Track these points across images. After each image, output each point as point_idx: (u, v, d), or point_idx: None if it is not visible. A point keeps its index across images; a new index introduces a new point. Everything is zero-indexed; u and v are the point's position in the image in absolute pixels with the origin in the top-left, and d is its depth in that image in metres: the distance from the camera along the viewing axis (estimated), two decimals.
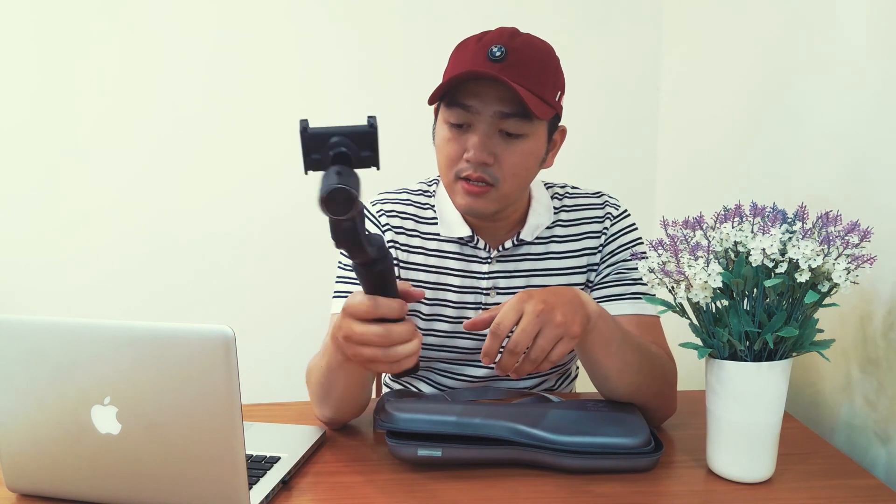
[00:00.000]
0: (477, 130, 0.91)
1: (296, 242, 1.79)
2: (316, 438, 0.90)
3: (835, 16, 0.99)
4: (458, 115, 0.92)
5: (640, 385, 0.89)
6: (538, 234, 1.05)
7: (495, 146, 0.92)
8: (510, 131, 0.91)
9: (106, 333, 0.68)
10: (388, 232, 1.06)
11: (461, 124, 0.93)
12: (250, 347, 1.77)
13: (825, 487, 0.79)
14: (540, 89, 0.90)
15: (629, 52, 1.72)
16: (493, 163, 0.92)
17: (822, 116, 1.02)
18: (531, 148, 0.94)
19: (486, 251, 1.04)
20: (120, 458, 0.70)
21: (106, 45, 1.68)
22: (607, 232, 1.06)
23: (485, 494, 0.78)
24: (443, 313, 1.06)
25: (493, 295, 1.05)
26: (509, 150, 0.92)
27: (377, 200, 1.10)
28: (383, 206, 1.08)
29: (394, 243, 1.05)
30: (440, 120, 0.96)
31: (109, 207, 1.75)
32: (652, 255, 0.81)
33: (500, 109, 0.90)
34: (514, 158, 0.93)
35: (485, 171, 0.92)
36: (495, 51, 0.89)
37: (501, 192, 0.94)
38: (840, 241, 0.73)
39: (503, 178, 0.93)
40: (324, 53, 1.72)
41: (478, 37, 0.94)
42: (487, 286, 1.05)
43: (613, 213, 1.07)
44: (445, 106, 0.93)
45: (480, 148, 0.91)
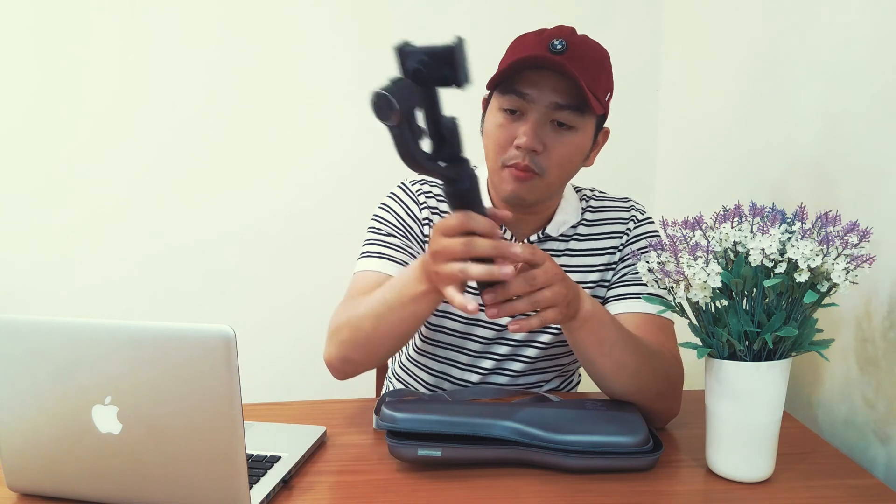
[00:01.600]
0: (529, 118, 0.93)
1: (297, 244, 1.79)
2: (316, 438, 0.90)
3: (834, 16, 0.99)
4: (512, 102, 0.94)
5: (638, 386, 0.89)
6: (562, 232, 1.07)
7: (546, 136, 0.94)
8: (562, 121, 0.94)
9: (107, 333, 0.68)
10: (424, 210, 1.08)
11: (514, 110, 0.94)
12: (251, 347, 1.77)
13: (824, 487, 0.79)
14: (594, 86, 0.93)
15: (629, 53, 1.72)
16: (542, 151, 0.94)
17: (822, 116, 1.02)
18: (579, 141, 0.96)
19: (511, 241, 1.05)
20: (121, 457, 0.70)
21: (108, 46, 1.68)
22: (629, 234, 1.08)
23: (485, 494, 0.78)
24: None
25: None
26: (559, 140, 0.94)
27: (416, 180, 1.12)
28: (422, 185, 1.10)
29: (428, 222, 1.08)
30: (493, 107, 0.97)
31: (112, 209, 1.75)
32: (651, 255, 0.81)
33: (556, 100, 0.92)
34: (563, 150, 0.95)
35: (532, 159, 0.94)
36: (556, 44, 0.91)
37: (546, 181, 0.96)
38: (839, 241, 0.73)
39: (549, 168, 0.95)
40: (325, 53, 1.72)
41: (537, 32, 0.96)
42: None
43: (638, 216, 1.10)
44: (501, 93, 0.94)
45: (532, 135, 0.93)
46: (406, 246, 1.06)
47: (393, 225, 1.07)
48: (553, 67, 0.90)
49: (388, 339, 0.92)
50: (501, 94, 0.94)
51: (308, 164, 1.76)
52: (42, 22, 1.67)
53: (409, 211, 1.08)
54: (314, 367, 1.81)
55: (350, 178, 1.76)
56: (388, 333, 0.91)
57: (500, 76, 0.93)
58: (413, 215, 1.08)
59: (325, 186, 1.77)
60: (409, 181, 1.11)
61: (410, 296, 0.86)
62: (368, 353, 0.94)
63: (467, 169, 0.75)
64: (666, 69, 1.71)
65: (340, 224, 1.76)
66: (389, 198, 1.10)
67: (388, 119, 0.67)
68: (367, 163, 1.75)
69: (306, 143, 1.75)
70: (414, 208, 1.08)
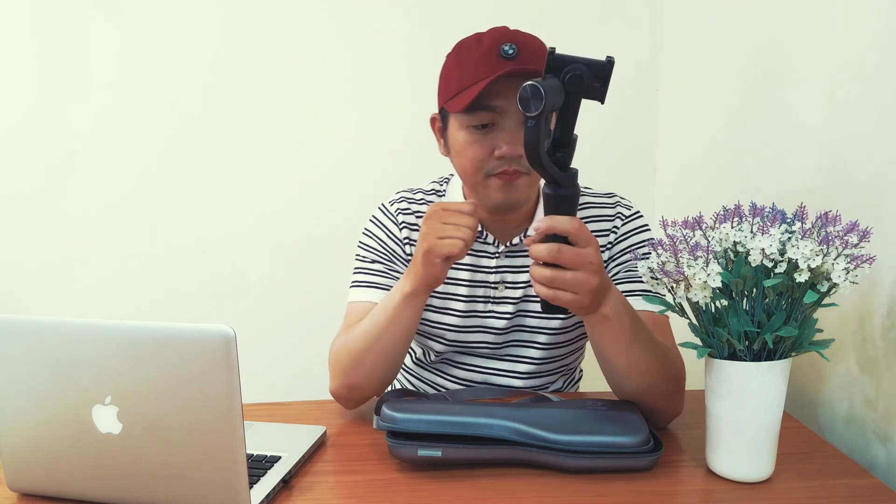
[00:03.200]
0: (506, 127, 0.95)
1: (298, 244, 1.79)
2: (316, 438, 0.90)
3: (834, 16, 0.99)
4: (483, 118, 0.94)
5: (648, 385, 0.90)
6: None
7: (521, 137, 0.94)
8: None
9: (107, 333, 0.68)
10: (404, 230, 1.09)
11: (486, 125, 0.95)
12: (251, 347, 1.77)
13: (824, 487, 0.79)
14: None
15: (629, 53, 1.72)
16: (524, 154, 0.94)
17: (822, 117, 1.02)
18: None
19: (495, 246, 1.06)
20: (121, 457, 0.70)
21: (108, 46, 1.68)
22: (617, 231, 1.08)
23: (485, 494, 0.78)
24: (453, 307, 1.08)
25: (502, 289, 1.07)
26: None
27: (394, 200, 1.13)
28: (399, 204, 1.12)
29: (409, 241, 1.09)
30: (457, 126, 0.97)
31: (111, 209, 1.75)
32: (651, 256, 0.81)
33: None
34: None
35: (518, 163, 0.96)
36: (507, 49, 0.92)
37: (532, 178, 0.98)
38: (839, 241, 0.73)
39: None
40: (325, 53, 1.72)
41: (475, 40, 0.96)
42: (496, 280, 1.07)
43: (625, 212, 1.09)
44: (465, 112, 0.94)
45: (513, 142, 0.94)
46: (391, 270, 1.08)
47: (376, 251, 1.09)
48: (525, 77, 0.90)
49: (382, 355, 0.96)
50: (467, 112, 0.94)
51: (308, 164, 1.76)
52: (43, 21, 1.67)
53: (389, 233, 1.10)
54: (314, 367, 1.81)
55: (350, 177, 1.76)
56: (381, 350, 0.95)
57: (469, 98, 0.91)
58: (394, 237, 1.09)
59: (325, 186, 1.76)
60: (388, 202, 1.13)
61: (393, 306, 0.93)
62: (367, 375, 0.97)
63: (574, 179, 0.81)
64: (666, 69, 1.71)
65: (341, 224, 1.76)
66: (371, 222, 1.12)
67: (531, 111, 0.73)
68: (367, 163, 1.75)
69: (306, 143, 1.75)
70: (394, 229, 1.10)
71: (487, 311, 1.08)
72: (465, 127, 0.96)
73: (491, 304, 1.07)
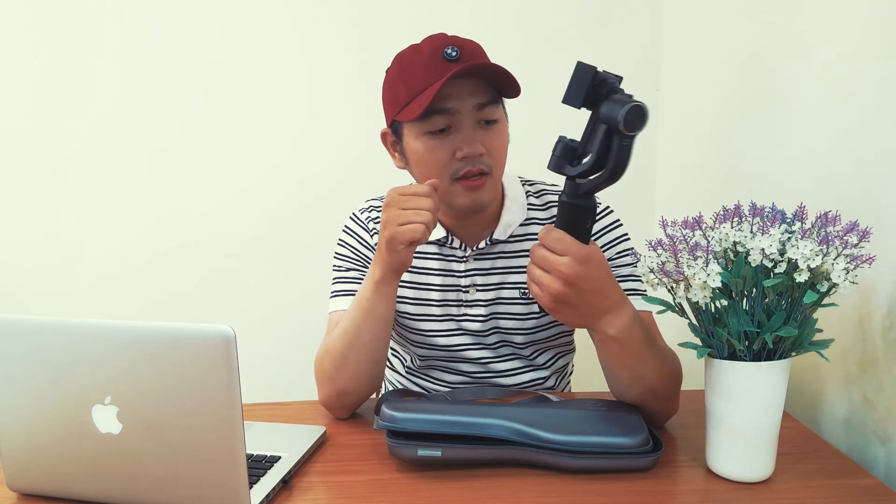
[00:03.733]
0: (463, 127, 0.95)
1: (297, 244, 1.79)
2: (316, 438, 0.90)
3: (834, 16, 0.99)
4: (438, 122, 0.95)
5: (650, 394, 0.90)
6: (512, 233, 1.07)
7: (481, 137, 0.96)
8: (488, 118, 0.96)
9: (107, 333, 0.68)
10: (374, 235, 1.10)
11: (443, 129, 0.95)
12: (251, 347, 1.77)
13: (824, 487, 0.79)
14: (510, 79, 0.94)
15: (629, 53, 1.72)
16: (484, 152, 0.96)
17: (822, 116, 1.02)
18: (505, 129, 1.01)
19: (463, 250, 1.07)
20: (121, 457, 0.70)
21: (109, 46, 1.68)
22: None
23: (485, 494, 0.78)
24: (429, 312, 1.09)
25: (473, 292, 1.08)
26: (491, 136, 0.97)
27: (364, 208, 1.15)
28: (369, 213, 1.13)
29: None
30: (413, 135, 0.98)
31: (112, 209, 1.75)
32: (651, 256, 0.81)
33: (478, 101, 0.95)
34: (498, 143, 0.98)
35: (480, 161, 0.96)
36: (450, 52, 0.93)
37: (495, 177, 0.99)
38: (839, 241, 0.73)
39: (494, 164, 0.98)
40: (324, 53, 1.72)
41: (413, 50, 0.97)
42: (466, 284, 1.07)
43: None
44: (420, 119, 0.94)
45: (473, 141, 0.95)
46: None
47: (351, 259, 1.10)
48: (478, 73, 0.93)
49: (364, 351, 0.95)
50: (422, 119, 0.94)
51: (308, 164, 1.76)
52: (43, 22, 1.67)
53: (361, 240, 1.11)
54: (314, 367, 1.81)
55: (350, 177, 1.76)
56: (362, 346, 0.95)
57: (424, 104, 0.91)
58: (365, 243, 1.11)
59: (325, 186, 1.76)
60: (357, 211, 1.14)
61: (367, 297, 0.93)
62: (353, 376, 0.97)
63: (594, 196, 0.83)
64: (666, 69, 1.71)
65: (340, 223, 1.75)
66: (344, 232, 1.13)
67: (637, 130, 0.76)
68: (367, 162, 1.74)
69: (306, 143, 1.75)
70: (365, 236, 1.11)
71: (461, 315, 1.08)
72: (422, 135, 0.96)
73: (464, 307, 1.08)
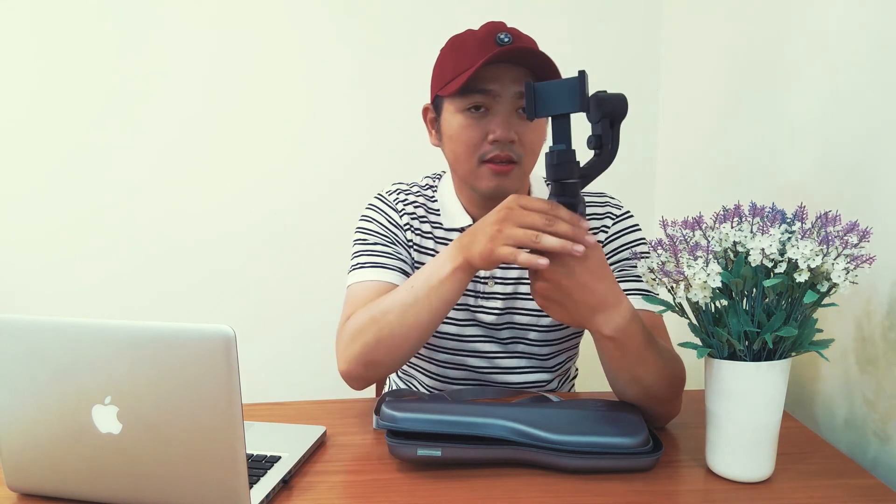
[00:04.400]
0: (499, 111, 0.96)
1: (297, 244, 1.79)
2: (316, 438, 0.90)
3: (833, 15, 0.99)
4: (476, 100, 0.96)
5: (650, 395, 0.89)
6: None
7: (515, 125, 0.97)
8: None
9: (107, 333, 0.68)
10: (404, 217, 1.10)
11: (479, 107, 0.96)
12: (251, 347, 1.77)
13: (824, 487, 0.79)
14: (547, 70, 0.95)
15: (629, 53, 1.72)
16: (516, 139, 0.96)
17: (822, 117, 1.02)
18: (543, 125, 1.00)
19: None
20: (120, 457, 0.70)
21: (108, 46, 1.69)
22: (608, 231, 1.08)
23: (485, 494, 0.78)
24: None
25: (492, 284, 1.08)
26: (527, 127, 0.97)
27: (390, 190, 1.14)
28: (396, 195, 1.12)
29: (409, 227, 1.09)
30: (451, 111, 0.99)
31: (111, 208, 1.75)
32: (651, 255, 0.81)
33: (519, 89, 0.95)
34: (532, 135, 0.98)
35: (510, 149, 0.97)
36: (503, 37, 0.94)
37: (523, 168, 0.99)
38: (839, 241, 0.73)
39: (525, 154, 0.98)
40: (325, 53, 1.72)
41: (469, 33, 0.98)
42: (485, 275, 1.07)
43: (615, 212, 1.09)
44: (461, 95, 0.95)
45: (506, 126, 0.95)
46: (395, 252, 1.07)
47: (378, 234, 1.08)
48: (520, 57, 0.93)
49: (415, 330, 0.90)
50: (462, 95, 0.96)
51: (308, 163, 1.76)
52: (42, 20, 1.67)
53: (390, 219, 1.10)
54: (314, 367, 1.82)
55: (350, 176, 1.76)
56: (414, 324, 0.89)
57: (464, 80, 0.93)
58: (394, 222, 1.10)
59: (324, 185, 1.77)
60: (385, 192, 1.13)
61: (439, 277, 0.88)
62: (394, 350, 0.91)
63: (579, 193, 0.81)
64: (666, 69, 1.71)
65: (340, 222, 1.75)
66: (370, 209, 1.12)
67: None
68: (365, 161, 1.75)
69: (305, 142, 1.75)
70: (394, 216, 1.10)
71: (477, 306, 1.08)
72: (460, 111, 0.97)
73: (481, 298, 1.08)
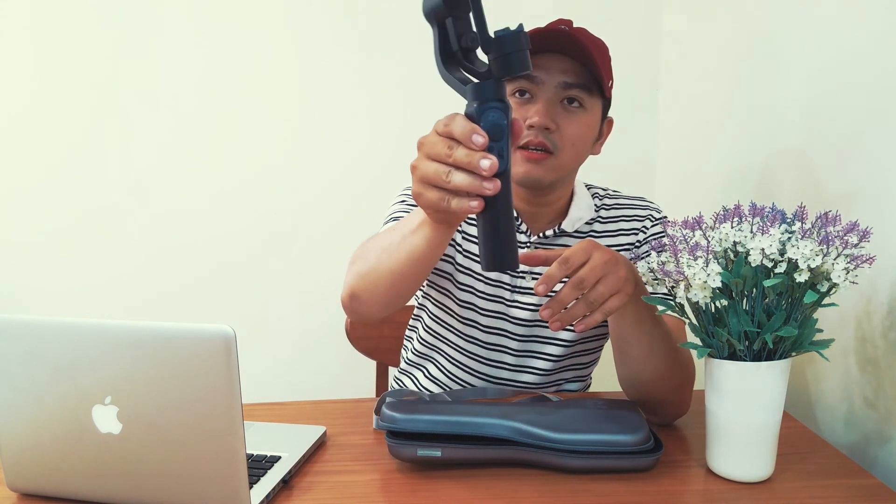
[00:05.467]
0: (541, 98, 0.96)
1: (297, 243, 1.79)
2: (316, 438, 0.90)
3: (835, 15, 0.99)
4: (521, 85, 0.97)
5: (664, 372, 0.90)
6: (577, 228, 1.08)
7: (557, 115, 0.97)
8: (573, 97, 0.97)
9: (107, 333, 0.68)
10: None
11: (523, 92, 0.97)
12: (251, 347, 1.77)
13: (824, 487, 0.79)
14: (598, 68, 0.95)
15: (629, 53, 1.72)
16: (554, 129, 0.96)
17: (823, 117, 1.02)
18: (589, 121, 0.99)
19: (527, 235, 1.07)
20: (121, 457, 0.70)
21: (105, 44, 1.68)
22: (646, 231, 1.09)
23: (485, 494, 0.78)
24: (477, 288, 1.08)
25: (528, 279, 1.07)
26: (569, 119, 0.97)
27: None
28: None
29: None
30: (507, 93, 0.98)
31: (110, 208, 1.75)
32: (651, 255, 0.81)
33: (565, 80, 0.95)
34: (574, 128, 0.97)
35: (546, 136, 0.96)
36: (562, 26, 0.95)
37: (559, 160, 0.98)
38: (839, 241, 0.73)
39: (562, 146, 0.97)
40: (323, 53, 1.72)
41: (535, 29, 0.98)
42: (523, 270, 1.07)
43: (655, 215, 1.11)
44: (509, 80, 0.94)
45: (544, 113, 0.95)
46: None
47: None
48: (563, 42, 0.93)
49: (387, 275, 0.86)
50: (510, 80, 0.96)
51: (307, 163, 1.76)
52: (40, 21, 1.67)
53: None
54: (314, 367, 1.82)
55: (349, 176, 1.76)
56: (387, 269, 0.86)
57: None
58: None
59: (324, 185, 1.77)
60: None
61: (410, 228, 0.82)
62: (371, 287, 0.89)
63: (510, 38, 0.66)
64: (666, 69, 1.71)
65: (340, 223, 1.76)
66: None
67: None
68: (365, 161, 1.75)
69: (305, 141, 1.75)
70: None
71: (512, 300, 1.08)
72: (509, 95, 0.98)
73: (517, 293, 1.07)
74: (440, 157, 0.64)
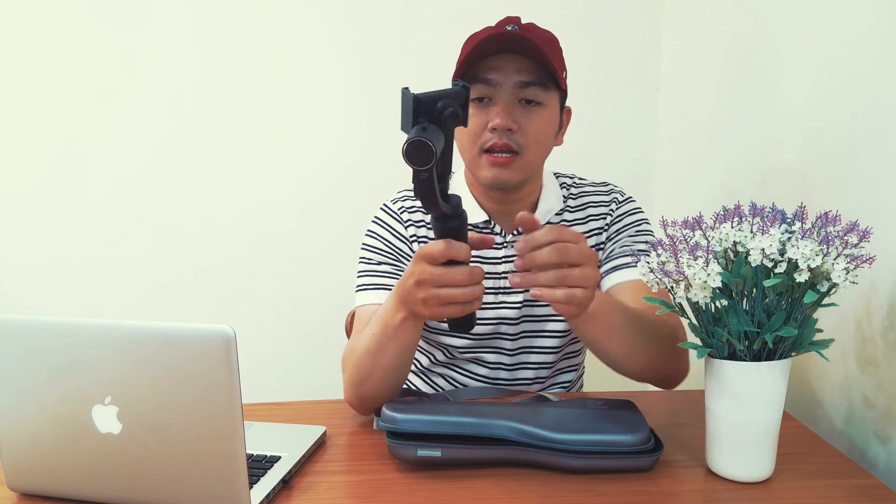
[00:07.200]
0: (500, 100, 0.97)
1: (297, 242, 1.79)
2: (316, 438, 0.90)
3: (836, 15, 0.99)
4: (478, 90, 0.97)
5: (650, 359, 0.92)
6: (548, 220, 1.08)
7: (517, 115, 0.97)
8: (530, 98, 0.97)
9: (107, 333, 0.68)
10: (409, 227, 1.09)
11: (482, 98, 0.97)
12: (251, 347, 1.77)
13: (824, 487, 0.79)
14: (551, 63, 0.95)
15: (629, 53, 1.72)
16: (517, 129, 0.97)
17: (822, 116, 1.02)
18: (548, 116, 1.00)
19: (502, 236, 1.08)
20: (120, 457, 0.70)
21: (104, 44, 1.68)
22: (613, 213, 1.10)
23: (485, 494, 0.78)
24: None
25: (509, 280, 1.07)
26: (530, 117, 0.98)
27: (396, 199, 1.13)
28: (403, 203, 1.12)
29: (415, 237, 1.09)
30: None
31: (109, 206, 1.75)
32: (651, 255, 0.81)
33: (520, 79, 0.96)
34: (535, 126, 0.98)
35: (510, 137, 0.97)
36: (509, 28, 0.96)
37: (525, 160, 0.99)
38: (839, 241, 0.73)
39: (527, 145, 0.98)
40: (323, 52, 1.72)
41: (485, 29, 0.99)
42: (504, 270, 1.07)
43: (619, 197, 1.13)
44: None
45: (505, 115, 0.96)
46: (399, 271, 1.07)
47: (382, 251, 1.09)
48: (514, 43, 0.94)
49: (389, 370, 0.93)
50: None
51: (306, 162, 1.76)
52: (38, 20, 1.67)
53: (395, 233, 1.10)
54: (314, 367, 1.82)
55: (348, 176, 1.76)
56: (386, 366, 0.92)
57: (463, 67, 0.95)
58: (400, 236, 1.09)
59: (323, 184, 1.77)
60: (390, 201, 1.13)
61: (393, 327, 0.89)
62: (376, 387, 0.94)
63: (460, 206, 0.80)
64: (666, 69, 1.71)
65: (340, 222, 1.76)
66: (374, 223, 1.12)
67: (426, 165, 0.69)
68: (364, 161, 1.75)
69: (304, 141, 1.75)
70: (399, 228, 1.10)
71: (498, 302, 1.08)
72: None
73: (501, 294, 1.08)
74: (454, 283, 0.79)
